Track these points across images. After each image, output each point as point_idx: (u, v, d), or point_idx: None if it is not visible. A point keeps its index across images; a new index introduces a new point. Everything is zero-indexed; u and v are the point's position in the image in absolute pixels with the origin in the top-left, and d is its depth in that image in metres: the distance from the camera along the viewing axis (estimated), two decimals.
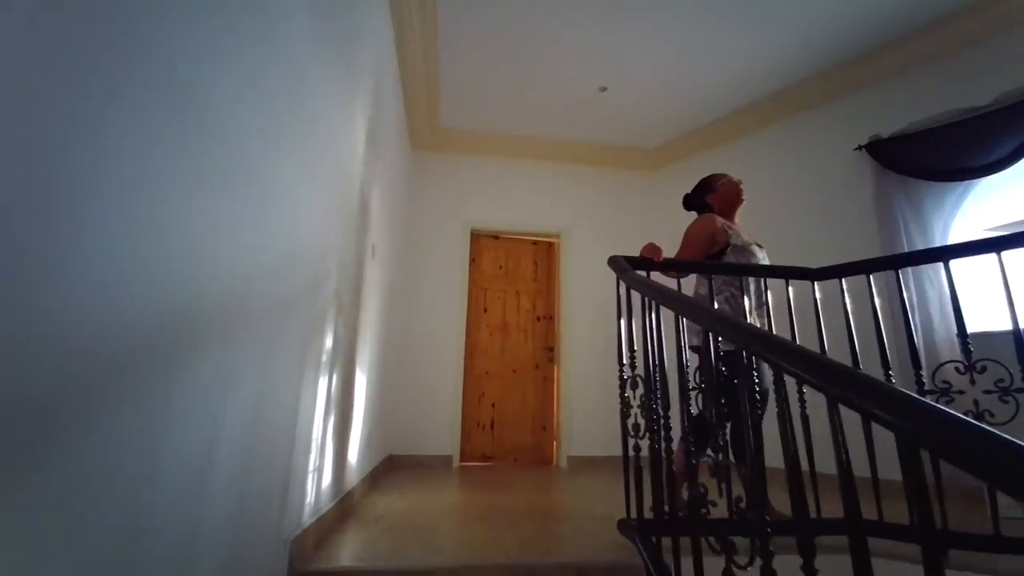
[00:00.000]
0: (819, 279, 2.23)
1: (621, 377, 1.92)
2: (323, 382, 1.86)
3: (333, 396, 2.00)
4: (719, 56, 3.68)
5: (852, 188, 3.69)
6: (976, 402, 1.75)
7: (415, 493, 2.84)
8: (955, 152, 3.23)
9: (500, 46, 3.63)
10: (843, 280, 2.18)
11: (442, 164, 4.76)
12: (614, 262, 1.98)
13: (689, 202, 2.62)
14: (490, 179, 4.79)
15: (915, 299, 3.20)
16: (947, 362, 1.86)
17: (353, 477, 2.46)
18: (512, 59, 3.75)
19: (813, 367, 0.96)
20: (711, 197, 2.50)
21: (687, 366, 1.57)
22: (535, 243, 4.82)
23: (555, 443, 4.37)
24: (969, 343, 1.80)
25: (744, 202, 2.49)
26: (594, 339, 4.45)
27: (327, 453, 1.94)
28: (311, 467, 1.76)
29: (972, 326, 2.88)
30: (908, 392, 0.75)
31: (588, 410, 4.32)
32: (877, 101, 3.68)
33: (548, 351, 4.58)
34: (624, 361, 1.90)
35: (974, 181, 3.21)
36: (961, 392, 1.80)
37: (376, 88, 2.62)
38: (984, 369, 1.75)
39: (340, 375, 2.10)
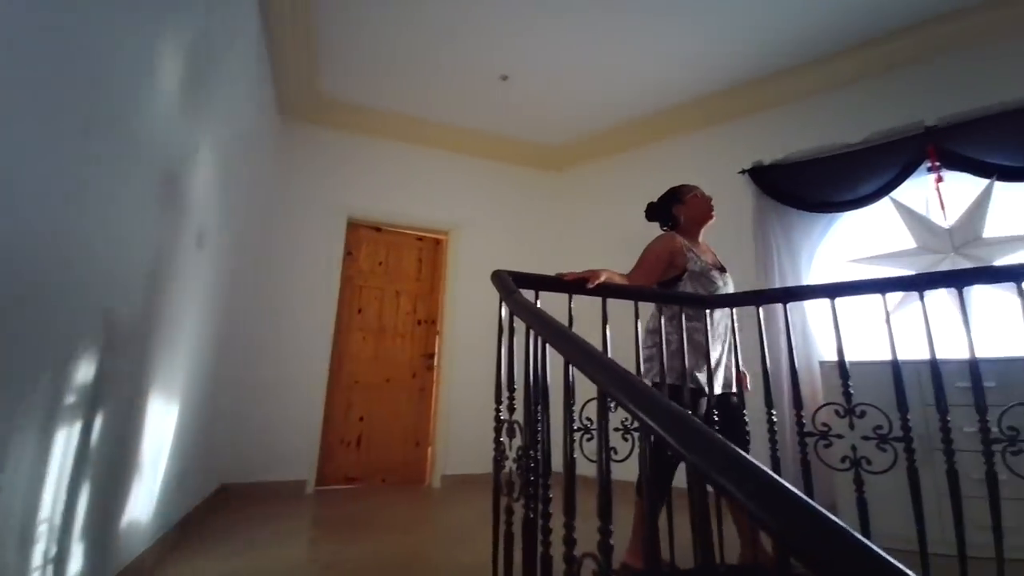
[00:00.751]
0: (712, 307, 2.10)
1: (497, 418, 1.58)
2: (67, 435, 1.27)
3: (94, 448, 1.41)
4: (626, 59, 3.53)
5: (736, 210, 3.77)
6: (854, 448, 1.70)
7: (238, 547, 2.27)
8: (826, 185, 3.40)
9: (389, 9, 3.12)
10: (734, 311, 2.07)
11: (320, 139, 4.10)
12: (497, 279, 1.64)
13: (653, 212, 2.37)
14: (375, 163, 4.23)
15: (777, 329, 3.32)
16: (827, 404, 1.80)
17: (140, 540, 1.85)
18: (404, 28, 3.26)
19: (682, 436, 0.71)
20: (678, 209, 2.27)
21: (577, 418, 1.28)
22: (421, 239, 4.37)
23: (429, 460, 3.98)
24: (850, 387, 1.75)
25: (714, 219, 2.31)
26: (479, 348, 4.13)
27: (75, 528, 1.35)
28: (38, 561, 1.18)
29: (828, 356, 3.05)
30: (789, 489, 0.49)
31: (468, 424, 3.99)
32: (765, 127, 3.79)
33: (427, 358, 4.17)
34: (502, 401, 1.57)
35: (839, 214, 3.40)
36: (840, 436, 1.75)
37: (207, 30, 2.00)
38: (863, 414, 1.70)
39: (110, 417, 1.51)
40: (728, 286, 2.18)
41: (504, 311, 1.60)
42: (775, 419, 1.95)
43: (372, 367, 3.98)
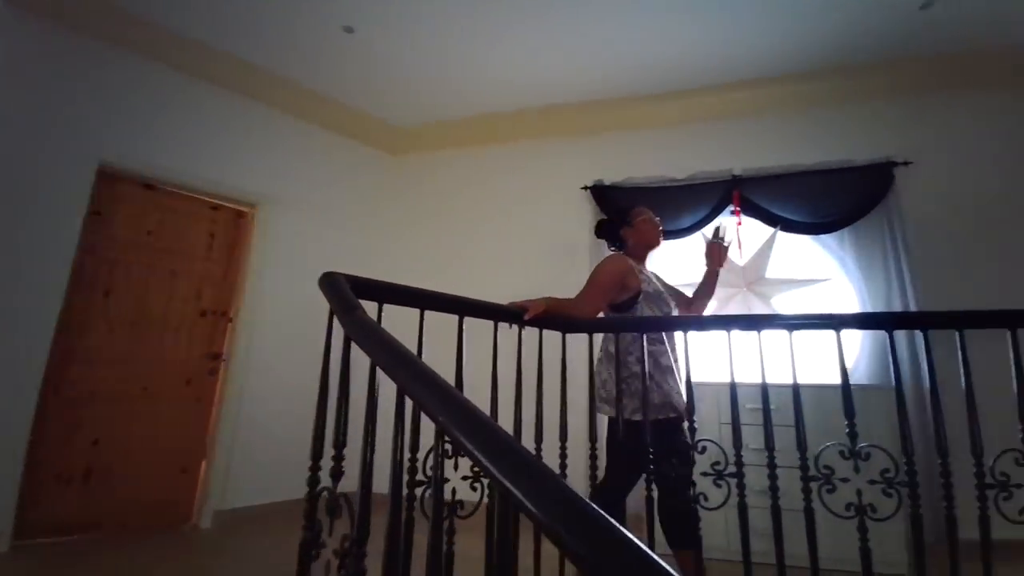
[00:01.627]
0: (569, 332, 1.95)
1: (312, 485, 1.12)
2: None
3: None
4: (485, 45, 3.26)
5: (576, 225, 3.82)
6: (694, 483, 1.70)
7: None
8: (655, 214, 3.63)
9: None
10: (593, 335, 1.95)
11: (69, 43, 2.87)
12: (330, 286, 1.18)
13: (601, 231, 2.29)
14: (155, 97, 3.17)
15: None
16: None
17: None
18: None
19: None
20: (627, 232, 2.17)
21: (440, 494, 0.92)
22: (216, 208, 3.43)
23: (199, 492, 3.12)
24: (695, 423, 1.75)
25: (660, 246, 2.22)
26: (286, 348, 3.42)
27: None
28: None
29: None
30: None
31: (262, 443, 3.25)
32: (609, 148, 3.91)
33: (212, 359, 3.28)
34: (320, 461, 1.11)
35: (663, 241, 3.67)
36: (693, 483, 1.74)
37: None
38: (704, 449, 1.71)
39: None
40: (675, 310, 2.14)
41: (337, 332, 1.15)
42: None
43: (121, 372, 2.94)
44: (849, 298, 3.21)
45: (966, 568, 1.34)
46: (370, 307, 1.16)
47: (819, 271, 3.33)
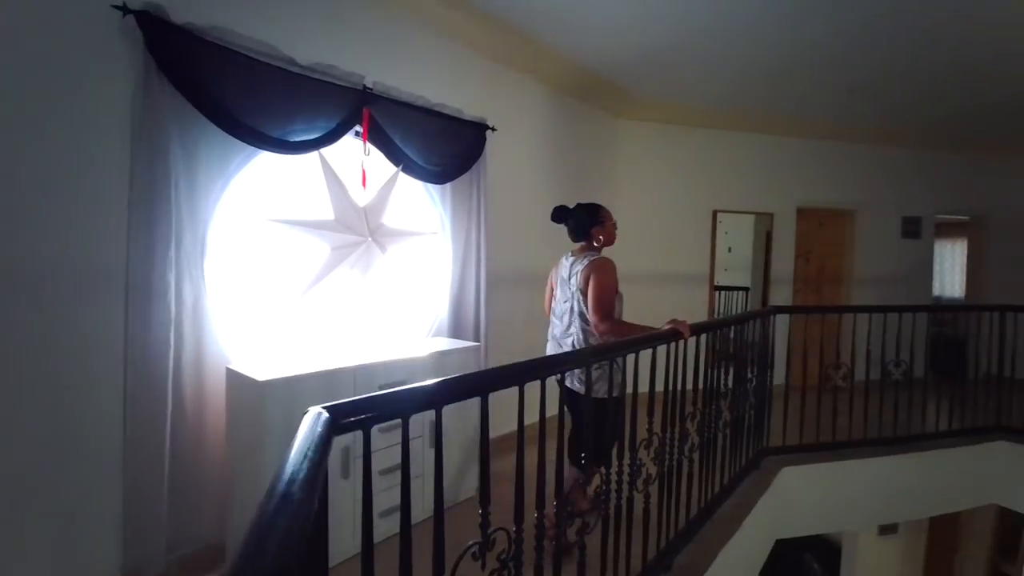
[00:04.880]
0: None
1: None
2: None
3: None
4: None
5: (98, 75, 1.96)
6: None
7: None
8: (258, 104, 2.36)
9: None
10: None
11: None
12: None
13: (564, 217, 2.36)
14: None
15: None
16: None
17: None
18: None
19: None
20: (597, 231, 2.26)
21: None
22: None
23: None
24: None
25: None
26: None
27: None
28: None
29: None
30: None
31: None
32: None
33: None
34: None
35: (262, 151, 2.47)
36: None
37: None
38: None
39: None
40: None
41: None
42: None
43: None
44: (445, 253, 3.34)
45: None
46: None
47: (427, 223, 3.25)
